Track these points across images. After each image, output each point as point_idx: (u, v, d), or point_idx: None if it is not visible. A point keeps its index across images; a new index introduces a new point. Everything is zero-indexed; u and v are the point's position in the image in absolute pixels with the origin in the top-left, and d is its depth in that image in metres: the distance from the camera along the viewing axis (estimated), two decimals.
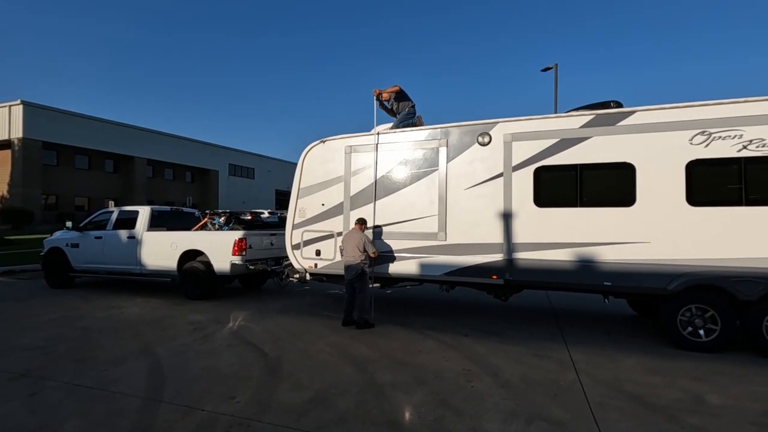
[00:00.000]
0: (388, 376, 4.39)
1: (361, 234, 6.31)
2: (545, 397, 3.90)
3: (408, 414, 3.58)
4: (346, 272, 6.31)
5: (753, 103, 5.03)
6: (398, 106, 7.31)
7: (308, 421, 3.45)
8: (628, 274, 5.41)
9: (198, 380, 4.29)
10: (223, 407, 3.68)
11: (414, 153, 6.65)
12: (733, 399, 3.86)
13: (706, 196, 5.18)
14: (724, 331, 5.10)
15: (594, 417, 3.49)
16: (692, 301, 5.23)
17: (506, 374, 4.46)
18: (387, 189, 6.75)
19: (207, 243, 8.33)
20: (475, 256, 6.15)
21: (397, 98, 7.31)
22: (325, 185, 7.11)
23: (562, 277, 5.74)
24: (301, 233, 7.19)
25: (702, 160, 5.18)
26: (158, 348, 5.31)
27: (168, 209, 10.13)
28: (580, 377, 4.37)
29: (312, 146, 7.26)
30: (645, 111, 5.47)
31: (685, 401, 3.82)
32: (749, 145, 5.00)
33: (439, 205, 6.39)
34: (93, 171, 31.21)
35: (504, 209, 6.04)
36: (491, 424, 3.40)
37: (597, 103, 6.03)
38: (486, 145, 6.19)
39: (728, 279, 5.01)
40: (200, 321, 6.67)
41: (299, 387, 4.12)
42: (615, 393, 3.99)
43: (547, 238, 5.80)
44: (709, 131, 5.16)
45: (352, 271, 6.23)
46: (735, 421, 3.45)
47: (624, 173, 5.50)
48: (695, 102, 5.27)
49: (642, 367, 4.67)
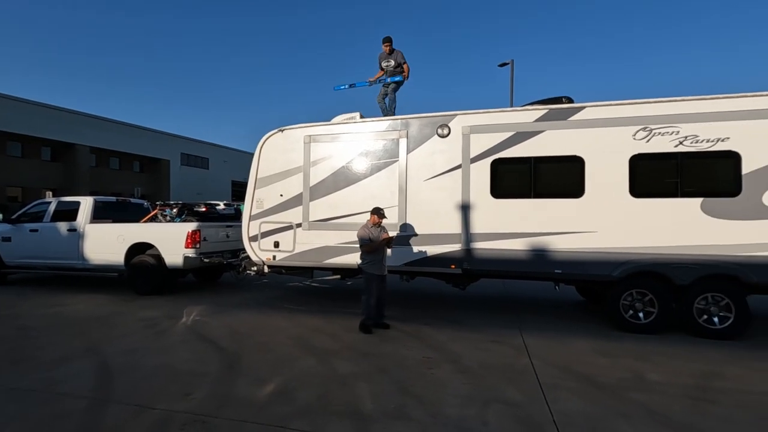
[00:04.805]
0: (350, 367, 4.40)
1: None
2: (501, 381, 4.06)
3: (369, 403, 3.60)
4: (383, 269, 5.72)
5: (688, 101, 5.42)
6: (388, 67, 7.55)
7: (268, 414, 3.39)
8: (577, 262, 5.71)
9: (150, 378, 4.10)
10: (177, 405, 3.54)
11: (374, 144, 6.64)
12: (671, 376, 4.19)
13: (646, 189, 5.54)
14: (661, 314, 5.51)
15: (545, 398, 3.68)
16: (633, 286, 5.61)
17: (465, 361, 4.59)
18: (348, 180, 6.70)
19: (158, 235, 7.94)
20: (434, 247, 6.26)
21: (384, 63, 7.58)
22: (283, 175, 6.95)
23: (516, 266, 5.96)
24: (259, 224, 7.01)
25: (643, 154, 5.52)
26: (106, 346, 5.02)
27: (113, 200, 9.57)
28: (533, 361, 4.57)
29: (270, 135, 7.06)
30: (593, 107, 5.76)
31: (629, 379, 4.10)
32: (685, 141, 5.39)
33: (399, 196, 6.43)
34: (27, 159, 28.70)
35: (462, 200, 6.17)
36: (450, 409, 3.49)
37: (550, 99, 6.26)
38: (445, 137, 6.28)
39: (666, 265, 5.41)
40: (152, 317, 6.37)
41: (259, 381, 4.04)
42: (565, 374, 4.22)
43: (503, 228, 6.00)
44: (650, 127, 5.51)
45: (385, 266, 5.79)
46: (672, 395, 3.74)
47: (574, 166, 5.77)
48: (638, 99, 5.61)
49: (591, 349, 4.96)
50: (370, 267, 5.63)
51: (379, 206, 5.81)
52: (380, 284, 5.69)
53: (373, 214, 5.70)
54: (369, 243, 5.53)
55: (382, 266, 5.69)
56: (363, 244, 5.58)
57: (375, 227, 5.66)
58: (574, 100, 6.15)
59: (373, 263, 5.62)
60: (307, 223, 6.83)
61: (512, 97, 17.18)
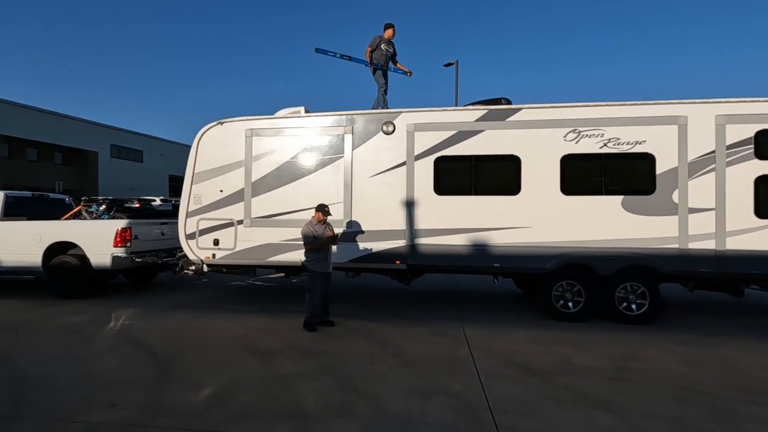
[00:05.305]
0: (294, 367, 4.32)
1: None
2: (442, 372, 4.18)
3: (312, 402, 3.56)
4: (328, 266, 5.69)
5: (612, 106, 5.88)
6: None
7: (205, 420, 3.24)
8: (514, 256, 6.01)
9: (71, 390, 3.77)
10: (102, 416, 3.28)
11: (319, 139, 6.55)
12: (595, 359, 4.54)
13: (576, 187, 5.94)
14: (588, 303, 5.95)
15: (483, 386, 3.84)
16: (564, 277, 6.01)
17: (409, 354, 4.68)
18: (292, 175, 6.56)
19: (82, 234, 7.32)
20: (379, 243, 6.31)
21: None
22: (223, 170, 6.67)
23: (458, 260, 6.16)
24: (197, 221, 6.68)
25: (573, 155, 5.92)
26: (18, 357, 4.55)
27: (28, 195, 8.64)
28: (473, 352, 4.76)
29: (208, 128, 6.73)
30: (529, 108, 6.07)
31: (559, 365, 4.39)
32: (608, 143, 5.84)
33: (345, 193, 6.40)
34: None
35: (407, 197, 6.26)
36: (393, 402, 3.54)
37: (490, 99, 6.51)
38: (390, 134, 6.33)
39: (592, 258, 5.85)
40: (75, 323, 5.86)
41: (195, 386, 3.85)
42: (502, 363, 4.43)
43: (446, 224, 6.17)
44: (579, 129, 5.91)
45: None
46: (596, 378, 4.05)
47: (511, 165, 6.06)
48: (569, 103, 5.99)
49: (526, 338, 5.25)
50: (314, 264, 5.55)
51: (324, 203, 5.74)
52: (325, 282, 5.63)
53: (318, 211, 5.61)
54: (312, 241, 5.45)
55: (327, 264, 5.63)
56: (306, 242, 5.49)
57: (320, 224, 5.58)
58: (512, 102, 6.45)
59: (318, 261, 5.55)
60: (249, 220, 6.61)
61: (457, 97, 17.68)
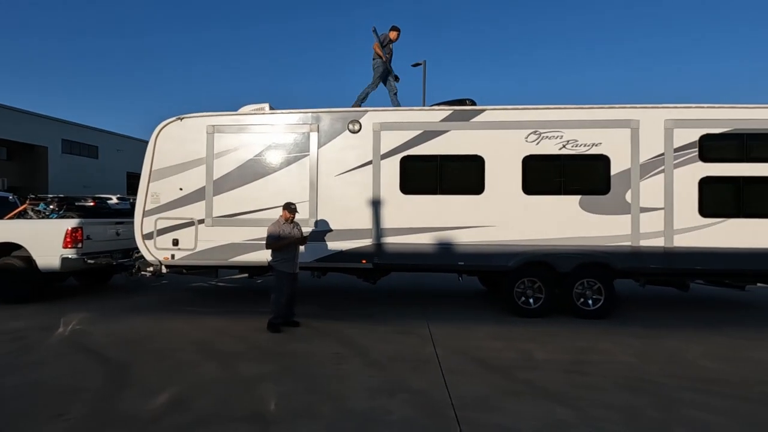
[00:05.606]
0: (256, 369, 4.23)
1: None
2: (407, 371, 4.20)
3: (274, 404, 3.50)
4: (295, 266, 5.58)
5: (570, 109, 6.11)
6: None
7: (160, 428, 3.11)
8: (478, 254, 6.13)
9: (12, 400, 3.53)
10: (46, 428, 3.09)
11: (284, 137, 6.44)
12: (553, 354, 4.70)
13: (536, 187, 6.13)
14: (548, 299, 6.15)
15: (446, 383, 3.89)
16: (525, 275, 6.18)
17: (374, 354, 4.68)
18: (256, 173, 6.41)
19: (26, 234, 6.87)
20: (345, 242, 6.27)
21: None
22: (183, 167, 6.43)
23: (424, 259, 6.22)
24: (155, 221, 6.41)
25: (534, 155, 6.10)
26: None
27: None
28: (437, 349, 4.81)
29: (166, 123, 6.47)
30: (493, 110, 6.20)
31: (519, 360, 4.51)
32: (567, 145, 6.06)
33: (311, 191, 6.33)
34: None
35: (373, 196, 6.26)
36: (357, 402, 3.53)
37: (455, 100, 6.61)
38: (356, 132, 6.31)
39: (552, 255, 6.05)
40: (19, 329, 5.50)
41: (151, 392, 3.69)
42: (465, 360, 4.50)
43: (412, 223, 6.21)
44: (539, 131, 6.09)
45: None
46: (553, 371, 4.19)
47: (475, 164, 6.18)
48: (531, 105, 6.17)
49: (489, 335, 5.36)
50: (281, 265, 5.45)
51: (290, 201, 5.64)
52: (292, 282, 5.54)
53: (285, 210, 5.50)
54: (274, 241, 5.34)
55: (294, 264, 5.54)
56: (268, 241, 5.38)
57: (287, 224, 5.49)
58: (476, 103, 6.57)
59: (285, 261, 5.45)
60: (210, 219, 6.41)
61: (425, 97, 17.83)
